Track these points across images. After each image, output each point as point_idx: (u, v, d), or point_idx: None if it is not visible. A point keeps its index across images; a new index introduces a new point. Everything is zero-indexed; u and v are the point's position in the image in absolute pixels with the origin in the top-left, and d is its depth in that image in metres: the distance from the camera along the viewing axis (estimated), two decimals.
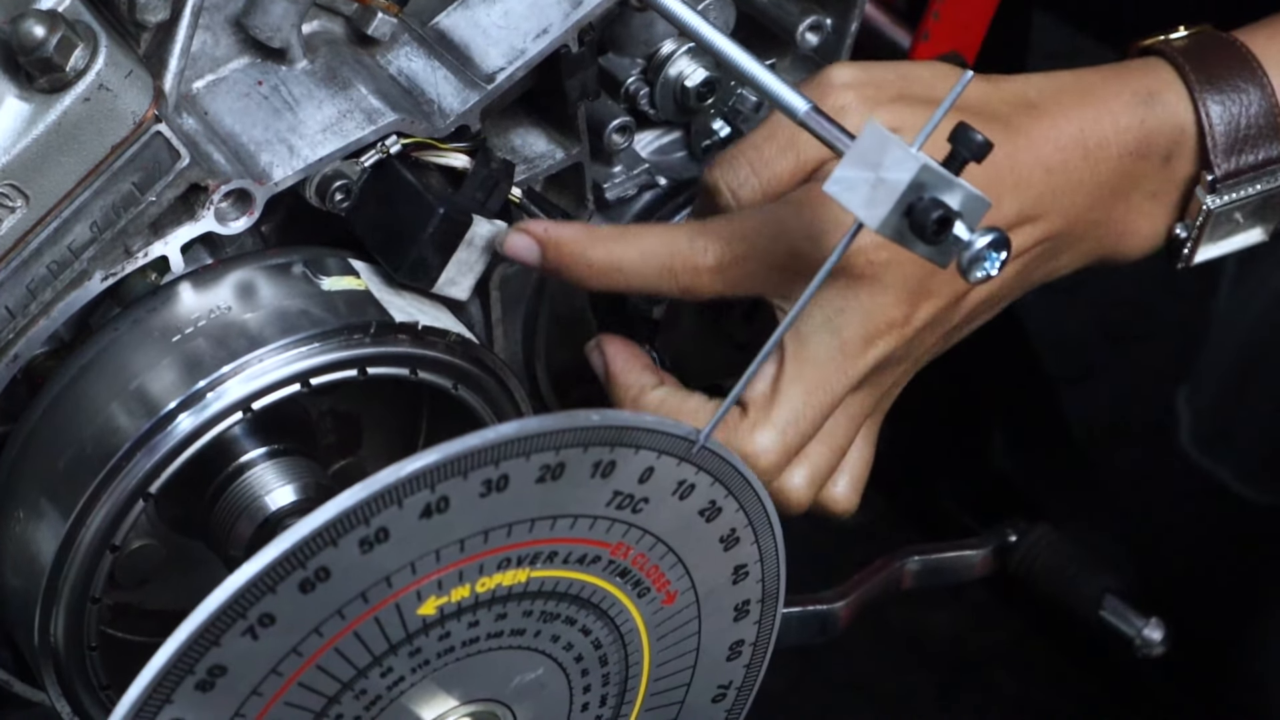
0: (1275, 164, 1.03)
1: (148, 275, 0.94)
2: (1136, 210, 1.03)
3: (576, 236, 0.95)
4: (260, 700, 0.81)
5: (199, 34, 0.94)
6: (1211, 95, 1.01)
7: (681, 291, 0.95)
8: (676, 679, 0.95)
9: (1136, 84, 1.02)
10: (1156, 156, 1.02)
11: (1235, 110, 1.02)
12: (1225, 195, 1.03)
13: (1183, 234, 1.04)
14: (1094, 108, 1.00)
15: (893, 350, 0.97)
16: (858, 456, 1.02)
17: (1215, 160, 1.02)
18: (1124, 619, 1.16)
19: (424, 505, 0.80)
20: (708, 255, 0.94)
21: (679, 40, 1.04)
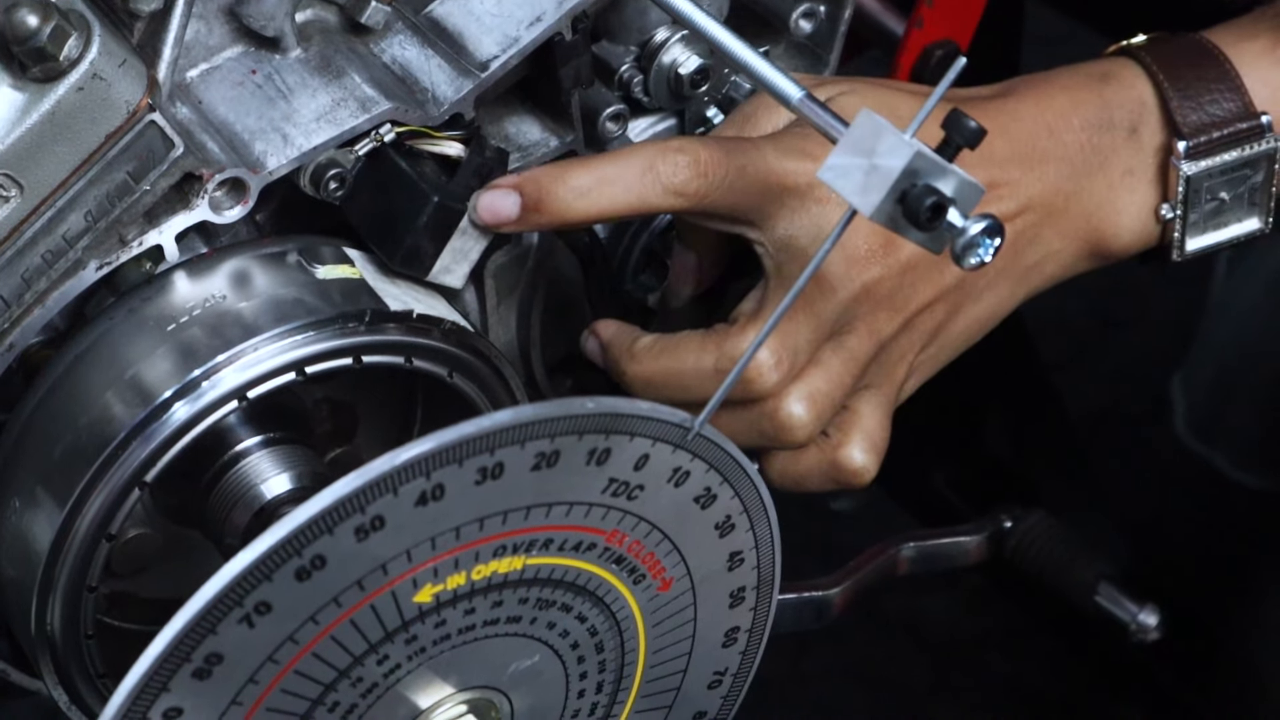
0: (1242, 121, 1.03)
1: (142, 264, 0.94)
2: (1117, 187, 1.04)
3: (551, 169, 0.94)
4: (257, 688, 0.81)
5: (192, 23, 0.94)
6: (1166, 69, 1.03)
7: (665, 196, 0.94)
8: (672, 665, 0.95)
9: (1090, 68, 1.04)
10: (1121, 129, 1.03)
11: (1190, 76, 1.03)
12: (1202, 161, 1.03)
13: (1168, 214, 1.04)
14: (1048, 88, 1.03)
15: (878, 278, 0.97)
16: (872, 421, 1.00)
17: (1181, 123, 1.02)
18: (1119, 605, 1.16)
19: (420, 493, 0.80)
20: (686, 150, 0.94)
21: (672, 28, 1.04)
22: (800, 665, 1.52)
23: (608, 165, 0.95)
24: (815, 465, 1.00)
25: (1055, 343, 1.67)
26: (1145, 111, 1.03)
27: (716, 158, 0.94)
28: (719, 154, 0.95)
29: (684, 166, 0.94)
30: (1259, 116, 1.04)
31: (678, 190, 0.94)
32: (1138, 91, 1.03)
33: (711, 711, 0.98)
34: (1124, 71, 1.04)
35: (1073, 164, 1.02)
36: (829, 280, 0.96)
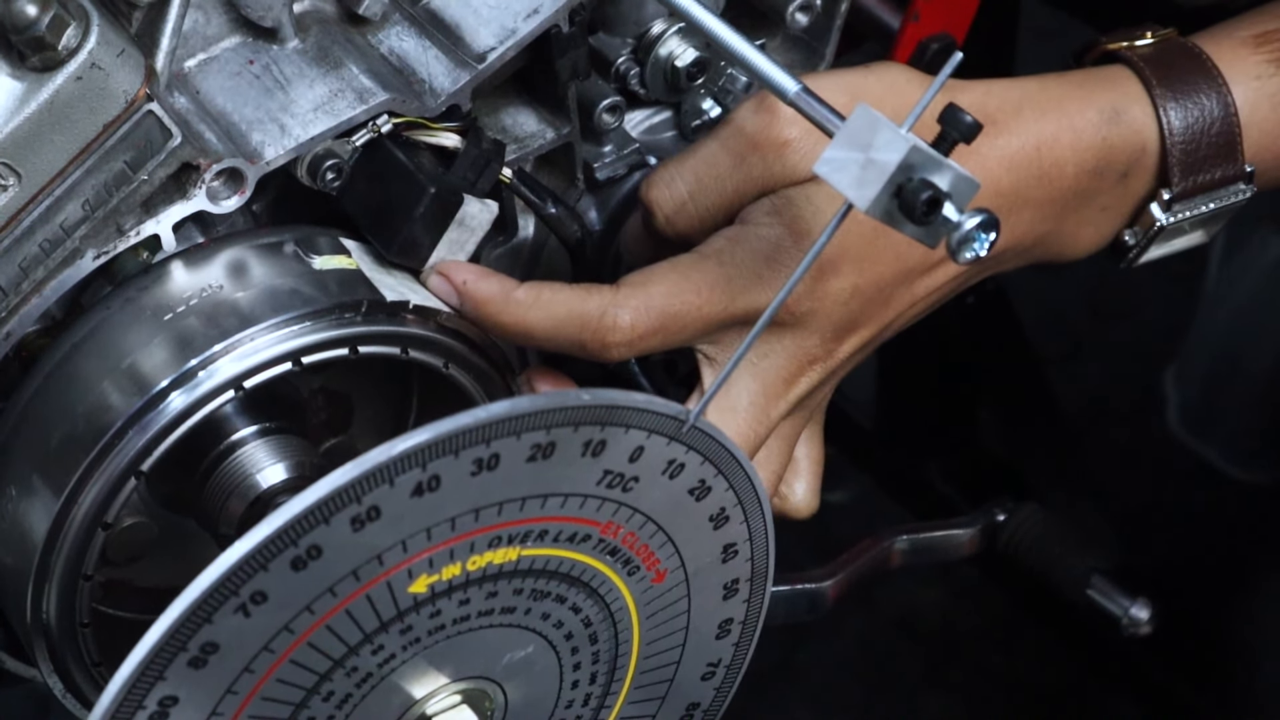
0: (1230, 181, 1.03)
1: (139, 254, 0.94)
2: (1087, 222, 1.03)
3: (491, 297, 0.94)
4: (252, 677, 0.81)
5: (190, 13, 0.94)
6: (1175, 110, 1.01)
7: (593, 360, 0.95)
8: (666, 657, 0.95)
9: (1102, 99, 1.01)
10: (1114, 174, 1.01)
11: (1197, 129, 1.01)
12: (1179, 213, 1.03)
13: (1130, 240, 1.04)
14: (1054, 124, 0.99)
15: (817, 382, 0.98)
16: (807, 459, 1.02)
17: (1173, 180, 1.02)
18: (1111, 598, 1.16)
19: (415, 484, 0.80)
20: (616, 332, 0.94)
21: (669, 20, 1.04)
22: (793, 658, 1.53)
23: (540, 320, 0.94)
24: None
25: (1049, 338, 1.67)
26: (1143, 158, 1.02)
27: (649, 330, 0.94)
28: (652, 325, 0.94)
29: (613, 347, 0.94)
30: (1245, 168, 1.03)
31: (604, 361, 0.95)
32: (1142, 139, 1.01)
33: (705, 703, 0.99)
34: (1134, 109, 1.01)
35: (1054, 207, 1.01)
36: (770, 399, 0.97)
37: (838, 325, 0.97)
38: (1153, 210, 1.03)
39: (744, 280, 0.95)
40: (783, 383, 0.97)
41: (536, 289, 0.94)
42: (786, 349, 0.96)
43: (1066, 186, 1.00)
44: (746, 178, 0.96)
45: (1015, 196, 0.99)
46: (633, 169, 1.06)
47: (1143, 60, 1.03)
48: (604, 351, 0.94)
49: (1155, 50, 1.04)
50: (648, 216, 0.98)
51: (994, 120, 0.98)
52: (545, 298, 0.94)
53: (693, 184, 0.97)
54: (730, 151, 0.97)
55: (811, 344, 0.96)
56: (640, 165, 1.06)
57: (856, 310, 0.97)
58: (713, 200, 0.97)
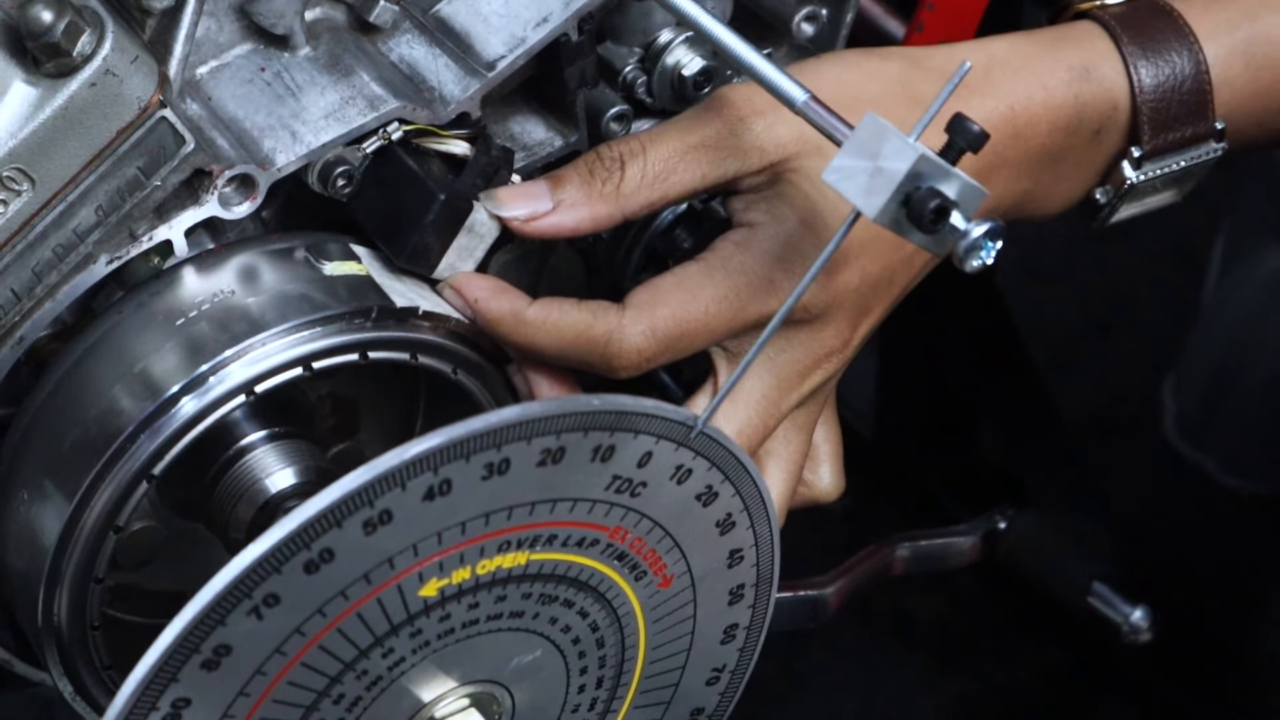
0: (1202, 138, 1.04)
1: (151, 259, 0.94)
2: (1061, 178, 1.04)
3: (502, 317, 0.95)
4: (264, 680, 0.82)
5: (203, 20, 0.95)
6: (1146, 68, 1.02)
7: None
8: (671, 662, 0.96)
9: (1072, 57, 1.02)
10: (1087, 131, 1.02)
11: (1168, 87, 1.02)
12: (1150, 170, 1.04)
13: (1102, 199, 1.05)
14: (1026, 84, 1.00)
15: (833, 373, 0.99)
16: (827, 442, 1.03)
17: (1144, 137, 1.02)
18: (1111, 606, 1.17)
19: (427, 488, 0.81)
20: (623, 357, 0.94)
21: (676, 29, 1.05)
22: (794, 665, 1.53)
23: (548, 342, 0.95)
24: (799, 506, 1.03)
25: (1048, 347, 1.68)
26: (1115, 115, 1.03)
27: (655, 354, 0.95)
28: (657, 349, 0.94)
29: (620, 370, 0.95)
30: (1215, 124, 1.04)
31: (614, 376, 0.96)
32: (1114, 97, 1.02)
33: (709, 708, 0.99)
34: (1104, 66, 1.02)
35: (1029, 164, 1.01)
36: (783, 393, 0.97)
37: (851, 316, 0.97)
38: (1124, 168, 1.03)
39: (754, 287, 0.95)
40: (798, 376, 0.98)
41: (546, 309, 0.95)
42: (803, 344, 0.97)
43: (1040, 145, 1.01)
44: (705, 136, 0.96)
45: (992, 157, 0.99)
46: None
47: (1114, 18, 1.03)
48: (612, 373, 0.95)
49: (1127, 8, 1.04)
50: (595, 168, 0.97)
51: (965, 83, 0.98)
52: (554, 319, 0.95)
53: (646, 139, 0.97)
54: (695, 112, 0.97)
55: (828, 337, 0.97)
56: None
57: (868, 297, 0.97)
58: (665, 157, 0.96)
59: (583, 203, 0.96)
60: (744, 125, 0.97)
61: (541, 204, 0.96)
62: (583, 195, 0.96)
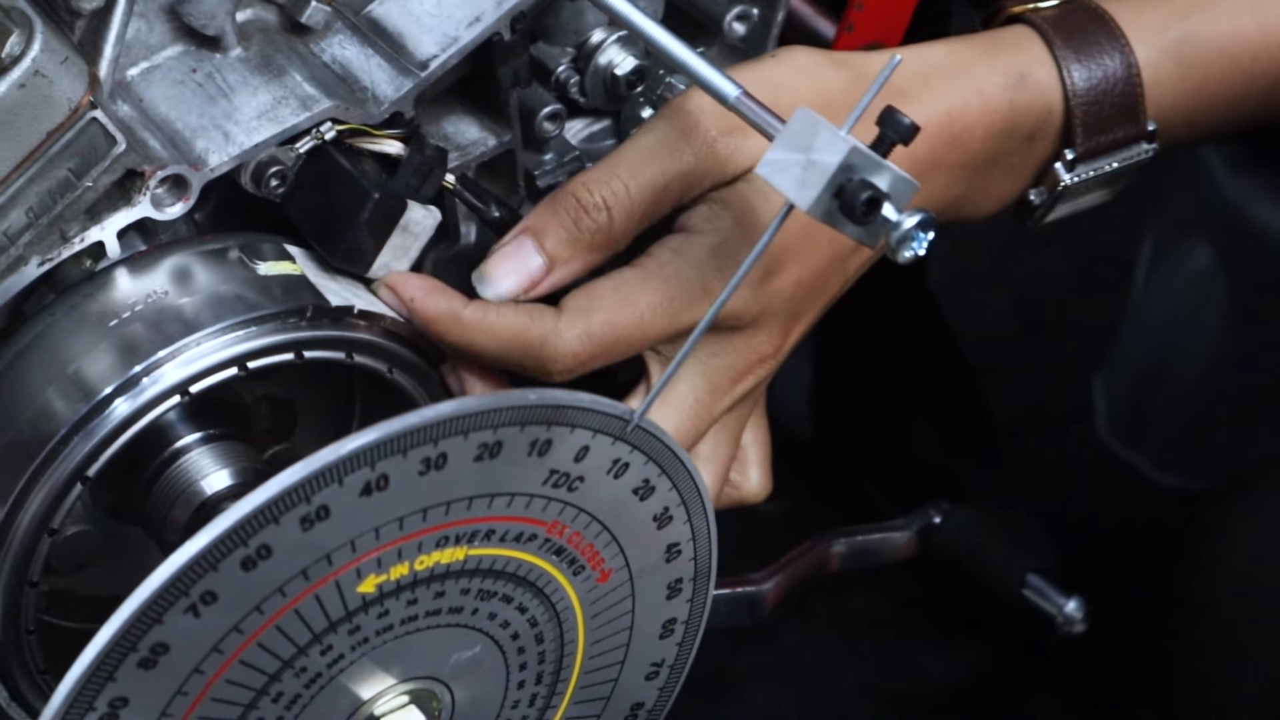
0: (1133, 140, 1.05)
1: (82, 261, 0.94)
2: (995, 181, 1.05)
3: (438, 316, 0.95)
4: (202, 678, 0.82)
5: (133, 22, 0.94)
6: (1078, 72, 1.03)
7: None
8: (611, 657, 0.96)
9: (1008, 63, 1.03)
10: (1021, 136, 1.04)
11: (1100, 90, 1.04)
12: (1083, 172, 1.05)
13: (1036, 200, 1.06)
14: (963, 90, 1.02)
15: (765, 377, 1.00)
16: (755, 444, 1.04)
17: (1076, 140, 1.04)
18: (1046, 598, 1.18)
19: (364, 483, 0.81)
20: (558, 360, 0.94)
21: (609, 29, 1.05)
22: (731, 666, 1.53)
23: (487, 342, 0.94)
24: (725, 506, 1.03)
25: (981, 349, 1.69)
26: (1049, 119, 1.04)
27: (591, 356, 0.95)
28: (593, 351, 0.94)
29: (555, 374, 0.95)
30: (1147, 126, 1.05)
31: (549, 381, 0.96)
32: (1048, 101, 1.04)
33: (649, 703, 1.00)
34: (1039, 72, 1.03)
35: (964, 170, 1.03)
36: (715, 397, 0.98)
37: (785, 321, 0.98)
38: (1057, 170, 1.05)
39: (690, 294, 0.95)
40: (730, 381, 0.98)
41: (483, 309, 0.95)
42: (737, 350, 0.97)
43: (976, 150, 1.02)
44: (684, 166, 0.96)
45: (929, 163, 1.01)
46: (573, 177, 1.07)
47: (1047, 22, 1.05)
48: (547, 376, 0.95)
49: (1060, 11, 1.06)
50: (581, 219, 0.96)
51: (903, 91, 1.00)
52: (490, 320, 0.95)
53: (627, 177, 0.96)
54: (667, 138, 0.97)
55: (760, 343, 0.98)
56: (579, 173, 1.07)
57: (801, 303, 0.98)
58: (649, 194, 0.96)
59: (578, 257, 0.95)
60: (717, 146, 0.97)
61: (532, 266, 0.95)
62: (576, 249, 0.95)
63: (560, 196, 0.96)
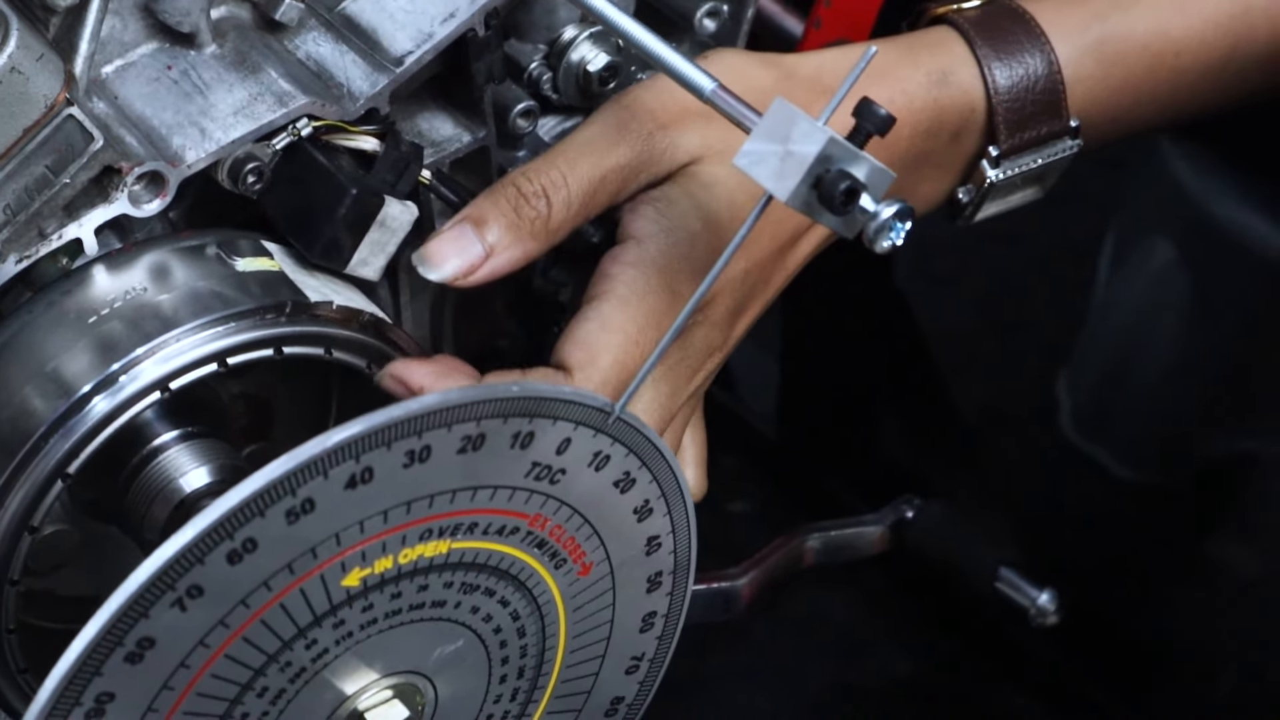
0: (1057, 136, 1.07)
1: (59, 259, 0.94)
2: (923, 180, 1.06)
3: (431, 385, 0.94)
4: (188, 672, 0.82)
5: (107, 19, 0.94)
6: (1000, 70, 1.05)
7: None
8: (592, 650, 0.96)
9: (930, 63, 1.05)
10: (946, 134, 1.05)
11: (1021, 87, 1.05)
12: (1008, 169, 1.06)
13: (964, 198, 1.08)
14: (888, 90, 1.03)
15: (712, 372, 1.00)
16: (693, 444, 1.04)
17: (1000, 138, 1.05)
18: (1019, 590, 1.19)
19: (349, 476, 0.81)
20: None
21: (580, 25, 1.05)
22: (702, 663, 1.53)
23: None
24: None
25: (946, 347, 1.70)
26: (973, 117, 1.05)
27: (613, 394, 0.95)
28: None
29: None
30: (1070, 122, 1.07)
31: None
32: (970, 99, 1.05)
33: (629, 697, 1.00)
34: (961, 70, 1.05)
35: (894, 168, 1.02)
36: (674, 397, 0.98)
37: (732, 311, 0.99)
38: (983, 167, 1.06)
39: (665, 300, 0.95)
40: (686, 379, 0.99)
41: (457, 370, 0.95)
42: (694, 344, 0.98)
43: (903, 149, 1.03)
44: (619, 159, 0.97)
45: None
46: None
47: (968, 22, 1.06)
48: None
49: (981, 12, 1.07)
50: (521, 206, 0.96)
51: (830, 90, 1.00)
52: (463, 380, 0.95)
53: (565, 168, 0.97)
54: (605, 132, 0.98)
55: (714, 335, 0.98)
56: None
57: (747, 292, 0.99)
58: (585, 185, 0.96)
59: (515, 243, 0.95)
60: (654, 139, 0.98)
61: (473, 252, 0.95)
62: (513, 235, 0.95)
63: (500, 185, 0.97)
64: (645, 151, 0.98)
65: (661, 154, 0.98)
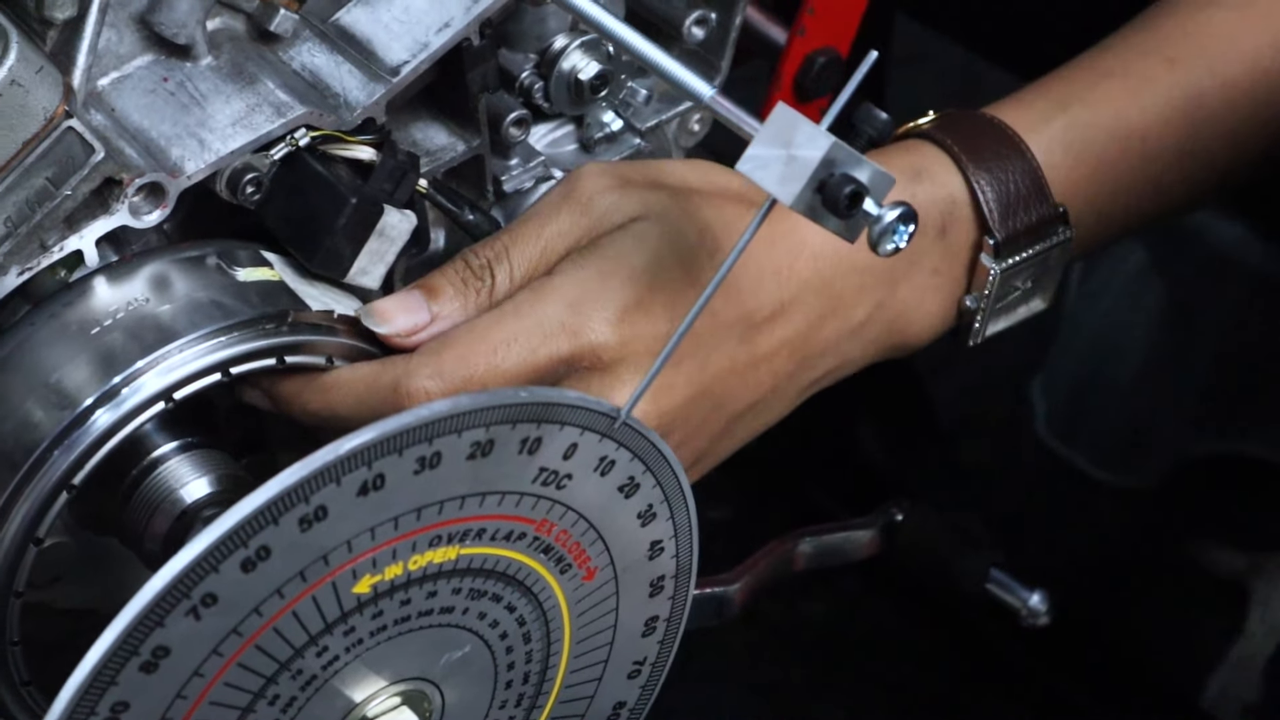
0: (1049, 223, 1.06)
1: (57, 272, 0.94)
2: (922, 289, 1.05)
3: (298, 389, 0.95)
4: (201, 681, 0.82)
5: (104, 32, 0.94)
6: (977, 164, 1.04)
7: None
8: (595, 655, 0.96)
9: (901, 163, 1.04)
10: (931, 230, 1.03)
11: (1002, 176, 1.04)
12: (1009, 258, 1.05)
13: (972, 305, 1.06)
14: None
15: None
16: None
17: (994, 224, 1.04)
18: (1010, 591, 1.19)
19: (361, 483, 0.81)
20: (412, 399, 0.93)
21: (571, 34, 1.06)
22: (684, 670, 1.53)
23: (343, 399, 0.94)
24: None
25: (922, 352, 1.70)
26: (955, 209, 1.04)
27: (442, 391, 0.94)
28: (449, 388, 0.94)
29: None
30: (1058, 208, 1.06)
31: None
32: (949, 190, 1.04)
33: (631, 701, 1.00)
34: (935, 166, 1.04)
35: (875, 271, 1.02)
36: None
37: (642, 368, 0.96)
38: (984, 261, 1.04)
39: (545, 329, 0.94)
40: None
41: (337, 371, 0.95)
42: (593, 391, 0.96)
43: None
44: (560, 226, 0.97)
45: (836, 260, 1.00)
46: (538, 181, 1.08)
47: (934, 128, 1.06)
48: None
49: (942, 119, 1.07)
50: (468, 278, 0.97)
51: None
52: (344, 377, 0.95)
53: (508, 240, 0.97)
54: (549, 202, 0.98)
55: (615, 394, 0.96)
56: (546, 178, 1.08)
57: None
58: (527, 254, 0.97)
59: (458, 313, 0.96)
60: (593, 203, 0.98)
61: (418, 316, 0.96)
62: (458, 306, 0.96)
63: (452, 261, 0.98)
64: (586, 216, 0.97)
65: (603, 216, 0.97)
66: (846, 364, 1.06)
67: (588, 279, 0.96)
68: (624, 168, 1.00)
